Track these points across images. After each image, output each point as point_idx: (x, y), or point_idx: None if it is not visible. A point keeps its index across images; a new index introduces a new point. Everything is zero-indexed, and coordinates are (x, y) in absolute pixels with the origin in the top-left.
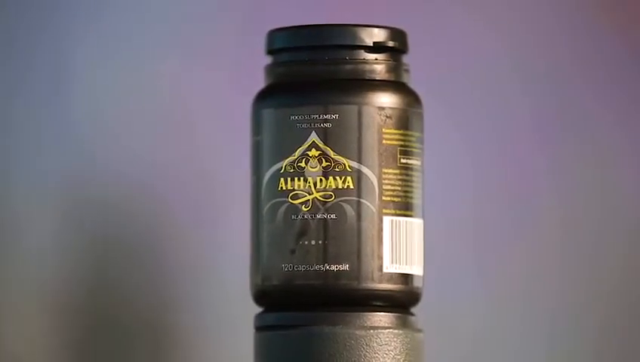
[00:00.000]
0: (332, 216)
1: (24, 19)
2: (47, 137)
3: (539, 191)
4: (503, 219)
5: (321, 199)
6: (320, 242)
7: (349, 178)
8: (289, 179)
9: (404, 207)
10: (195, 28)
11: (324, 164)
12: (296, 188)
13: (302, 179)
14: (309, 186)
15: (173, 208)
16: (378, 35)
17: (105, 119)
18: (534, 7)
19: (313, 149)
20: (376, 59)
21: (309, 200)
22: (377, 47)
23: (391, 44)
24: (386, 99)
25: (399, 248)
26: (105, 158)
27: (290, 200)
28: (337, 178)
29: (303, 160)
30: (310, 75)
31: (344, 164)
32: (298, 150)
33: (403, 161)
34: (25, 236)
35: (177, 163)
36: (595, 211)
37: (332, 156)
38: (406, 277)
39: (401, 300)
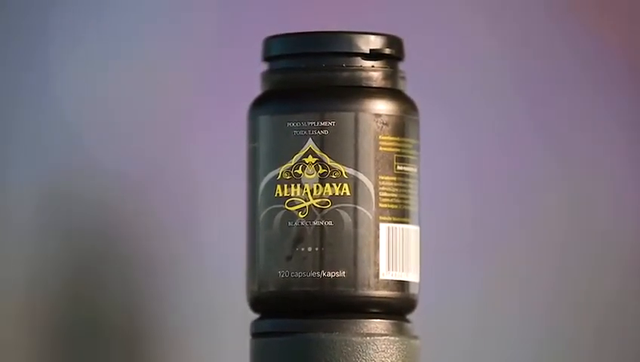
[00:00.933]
0: (328, 222)
1: (24, 19)
2: (45, 137)
3: (538, 198)
4: (502, 224)
5: (318, 206)
6: (316, 249)
7: (345, 185)
8: (285, 185)
9: (401, 214)
10: (192, 33)
11: (321, 170)
12: (292, 194)
13: (298, 185)
14: (306, 193)
15: (168, 212)
16: (374, 43)
17: (104, 118)
18: (534, 8)
19: (310, 156)
20: (372, 66)
21: (305, 206)
22: (374, 55)
23: (387, 51)
24: (383, 106)
25: (395, 255)
26: (103, 158)
27: (286, 206)
28: (334, 185)
29: (300, 166)
30: (307, 82)
31: (340, 171)
32: (295, 157)
33: (399, 168)
34: (20, 235)
35: (174, 169)
36: (595, 214)
37: (328, 163)
38: (402, 284)
39: (398, 307)
